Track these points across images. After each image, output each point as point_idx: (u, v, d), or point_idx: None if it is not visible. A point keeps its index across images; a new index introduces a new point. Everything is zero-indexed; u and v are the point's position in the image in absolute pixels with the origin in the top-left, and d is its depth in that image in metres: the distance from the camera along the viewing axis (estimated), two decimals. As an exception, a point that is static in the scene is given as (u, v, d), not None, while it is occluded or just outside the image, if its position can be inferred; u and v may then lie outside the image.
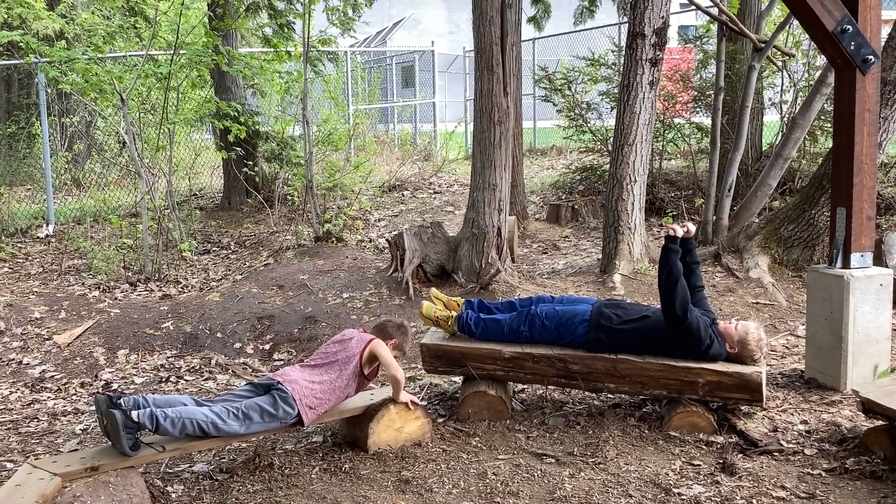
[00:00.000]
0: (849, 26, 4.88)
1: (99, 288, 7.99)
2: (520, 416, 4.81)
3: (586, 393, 4.99)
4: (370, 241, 9.62)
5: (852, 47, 4.89)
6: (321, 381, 4.23)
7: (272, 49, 10.35)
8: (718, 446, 4.32)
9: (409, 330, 4.72)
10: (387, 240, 8.73)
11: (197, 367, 6.32)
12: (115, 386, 5.95)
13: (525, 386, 5.21)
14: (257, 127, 11.59)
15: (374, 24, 29.38)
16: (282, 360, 6.43)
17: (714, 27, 9.56)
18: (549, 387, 5.02)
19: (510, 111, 7.35)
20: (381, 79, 21.42)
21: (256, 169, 11.38)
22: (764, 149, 10.34)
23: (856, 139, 4.95)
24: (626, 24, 8.00)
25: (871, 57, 4.92)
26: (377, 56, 24.14)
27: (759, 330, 4.54)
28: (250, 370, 6.24)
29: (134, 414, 3.82)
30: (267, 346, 6.66)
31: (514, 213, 9.09)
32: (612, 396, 5.00)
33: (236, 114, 9.94)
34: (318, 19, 10.20)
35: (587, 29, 13.68)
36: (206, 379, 6.09)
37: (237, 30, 11.26)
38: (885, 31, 6.89)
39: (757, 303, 6.76)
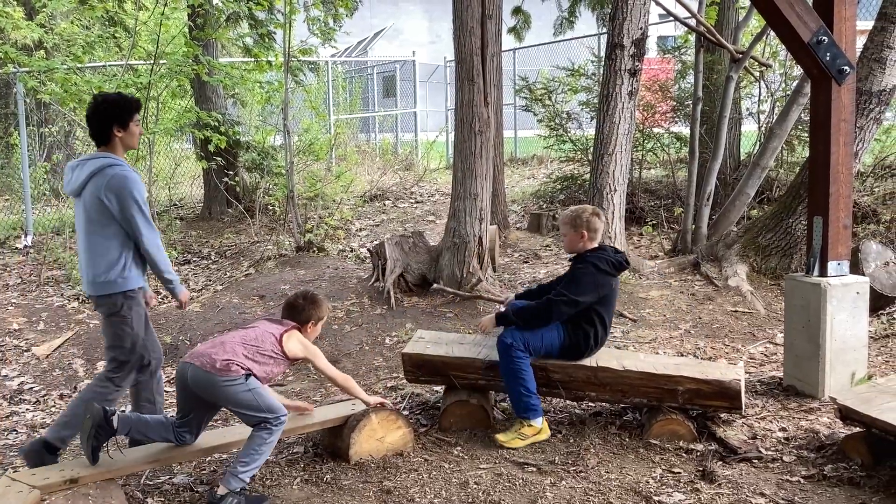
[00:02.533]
0: (824, 37, 4.94)
1: (78, 299, 7.94)
2: (501, 426, 4.81)
3: (567, 401, 5.02)
4: (352, 251, 9.62)
5: (828, 58, 4.95)
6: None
7: (253, 59, 10.36)
8: (698, 454, 4.35)
9: (323, 299, 4.34)
10: (368, 249, 8.74)
11: (177, 378, 6.28)
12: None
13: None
14: (238, 137, 11.56)
15: (356, 34, 29.39)
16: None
17: (692, 38, 9.66)
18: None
19: (491, 121, 7.39)
20: (362, 88, 21.44)
21: (237, 179, 11.35)
22: (742, 158, 10.44)
23: (832, 149, 5.01)
24: (606, 35, 8.07)
25: (846, 68, 4.98)
26: (358, 66, 24.16)
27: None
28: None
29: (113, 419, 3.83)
30: (248, 357, 6.63)
31: (495, 223, 9.13)
32: (592, 405, 5.02)
33: (217, 124, 9.92)
34: (299, 29, 10.21)
35: (567, 39, 13.77)
36: (186, 390, 6.05)
37: (218, 40, 11.24)
38: (861, 42, 6.99)
39: (736, 311, 6.82)
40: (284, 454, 4.57)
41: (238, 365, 3.88)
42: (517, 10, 12.61)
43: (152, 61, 8.94)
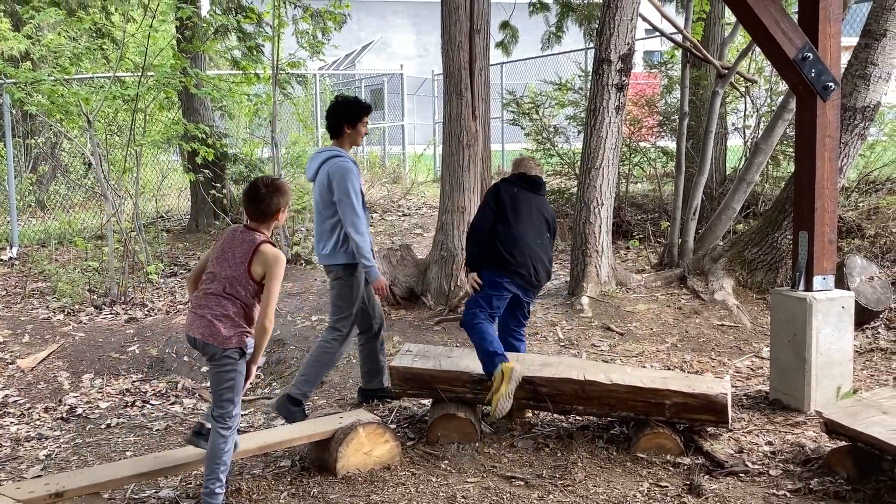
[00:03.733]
0: (809, 54, 4.99)
1: (63, 311, 7.89)
2: (489, 439, 4.81)
3: (555, 415, 5.02)
4: (339, 264, 9.60)
5: (813, 74, 5.01)
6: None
7: (241, 71, 10.36)
8: (685, 468, 4.36)
9: (284, 183, 4.06)
10: (356, 262, 8.72)
11: (163, 392, 6.26)
12: (79, 411, 5.87)
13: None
14: (225, 149, 11.56)
15: (344, 47, 29.44)
16: (251, 383, 6.37)
17: (678, 54, 9.73)
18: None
19: (479, 135, 7.42)
20: (349, 101, 21.41)
21: (224, 191, 11.34)
22: (728, 173, 10.51)
23: (817, 164, 5.06)
24: (593, 50, 8.12)
25: (831, 84, 5.04)
26: (346, 79, 24.18)
27: None
28: (217, 394, 6.18)
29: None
30: (234, 370, 6.60)
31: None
32: (580, 418, 5.02)
33: (204, 136, 9.91)
34: (288, 42, 10.22)
35: (554, 54, 13.85)
36: (172, 403, 6.03)
37: (206, 52, 11.24)
38: (845, 58, 7.06)
39: (722, 325, 6.85)
40: (271, 468, 4.55)
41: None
42: (505, 25, 12.68)
43: (140, 73, 8.92)
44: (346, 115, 5.18)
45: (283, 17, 9.57)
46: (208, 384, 6.33)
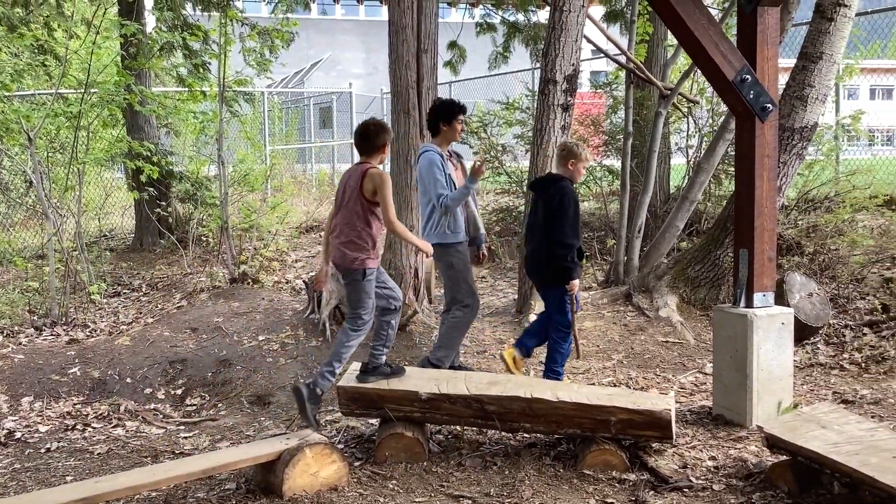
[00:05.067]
0: (748, 76, 5.12)
1: (2, 333, 7.69)
2: (437, 458, 4.81)
3: (503, 433, 5.03)
4: (287, 283, 9.53)
5: (751, 96, 5.13)
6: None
7: (187, 89, 10.26)
8: (631, 484, 4.40)
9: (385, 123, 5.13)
10: (304, 281, 8.67)
11: (105, 414, 6.13)
12: (18, 435, 5.71)
13: (441, 427, 5.22)
14: (171, 167, 11.41)
15: (292, 65, 29.34)
16: (194, 405, 6.29)
17: (623, 74, 9.89)
18: (467, 427, 5.05)
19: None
20: (298, 119, 21.38)
21: (170, 209, 11.18)
22: (672, 191, 10.69)
23: (756, 184, 5.17)
24: (539, 70, 8.22)
25: (769, 105, 5.16)
26: (295, 96, 24.11)
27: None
28: (161, 416, 6.08)
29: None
30: (179, 391, 6.50)
31: (431, 254, 9.15)
32: (528, 436, 5.04)
33: (149, 153, 9.78)
34: (235, 59, 10.16)
35: (502, 74, 13.98)
36: (114, 426, 5.91)
37: (151, 69, 11.12)
38: (784, 80, 7.26)
39: (667, 341, 6.94)
40: (216, 491, 4.48)
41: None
42: (453, 45, 12.77)
43: (83, 90, 8.78)
44: (443, 114, 5.79)
45: (230, 35, 9.51)
46: (151, 406, 6.25)
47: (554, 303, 5.53)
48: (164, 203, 11.02)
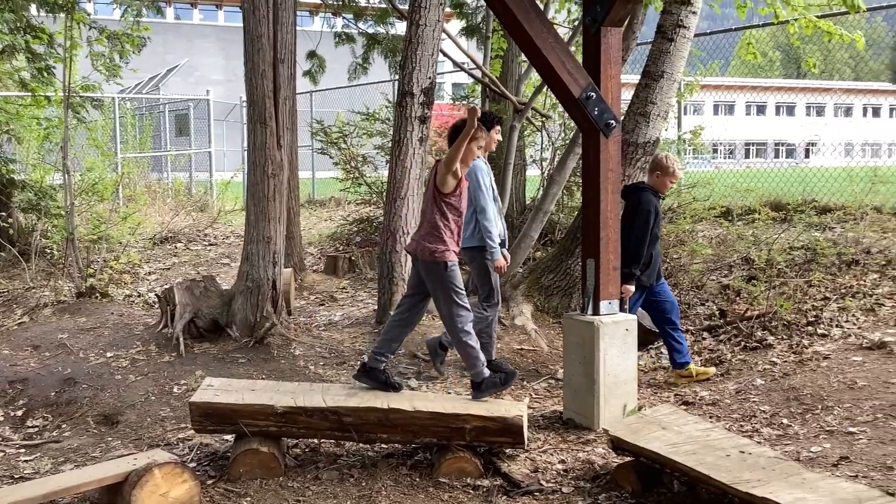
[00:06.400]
0: (593, 93, 5.34)
1: None
2: (293, 473, 4.76)
3: (361, 445, 5.04)
4: (139, 296, 9.21)
5: (596, 113, 5.36)
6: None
7: (30, 94, 9.76)
8: (484, 490, 4.50)
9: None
10: (156, 294, 8.39)
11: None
12: None
13: (298, 441, 5.18)
14: (12, 175, 10.82)
15: (147, 70, 28.41)
16: (36, 426, 5.96)
17: (479, 88, 10.12)
18: (324, 440, 5.03)
19: (284, 164, 7.37)
20: (153, 126, 20.67)
21: (11, 220, 10.58)
22: (527, 202, 11.00)
23: (601, 196, 5.40)
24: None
25: (612, 122, 5.41)
26: (150, 103, 23.32)
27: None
28: (0, 439, 5.74)
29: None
30: (19, 413, 6.15)
31: (290, 265, 9.06)
32: (385, 447, 5.07)
33: (-13, 161, 9.25)
34: (83, 64, 9.74)
35: (361, 84, 14.00)
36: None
37: (-10, 72, 10.52)
38: (629, 95, 7.62)
39: (522, 349, 7.13)
40: (58, 517, 4.28)
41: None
42: (312, 55, 12.68)
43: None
44: (484, 124, 5.83)
45: (77, 39, 9.11)
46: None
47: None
48: (4, 213, 10.42)
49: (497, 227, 6.17)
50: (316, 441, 5.10)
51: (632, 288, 6.00)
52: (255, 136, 7.23)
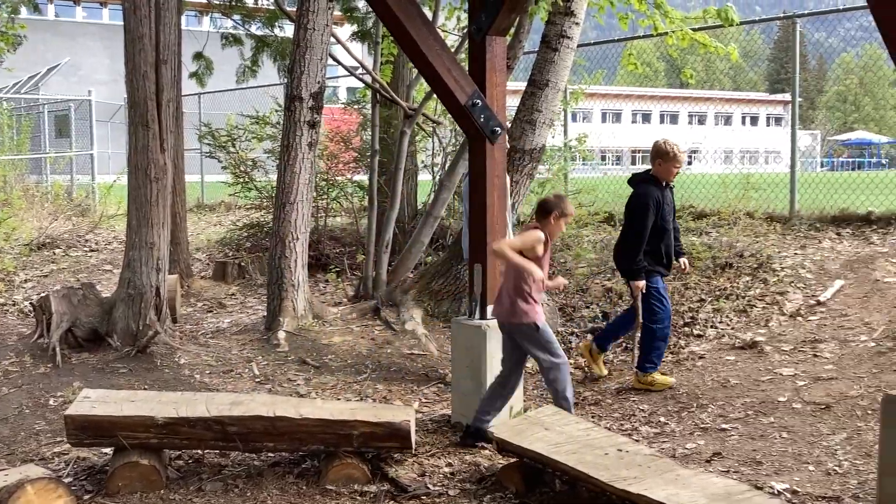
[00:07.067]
0: (478, 101, 5.43)
1: None
2: (175, 485, 4.64)
3: (246, 454, 4.96)
4: (14, 305, 8.81)
5: (482, 120, 5.44)
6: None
7: None
8: (372, 495, 4.50)
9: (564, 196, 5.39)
10: (31, 303, 8.04)
11: None
12: None
13: (181, 452, 5.05)
14: None
15: (26, 69, 27.15)
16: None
17: (370, 93, 10.10)
18: (209, 451, 4.93)
19: (168, 167, 7.20)
20: (31, 127, 19.76)
21: None
22: (419, 207, 11.04)
23: (487, 202, 5.49)
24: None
25: (497, 129, 5.50)
26: (28, 103, 22.31)
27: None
28: None
29: None
30: None
31: (176, 271, 8.85)
32: (272, 455, 5.00)
33: None
34: (-48, 62, 9.27)
35: (251, 88, 13.78)
36: None
37: None
38: (516, 102, 7.75)
39: (412, 353, 7.16)
40: (-81, 539, 4.05)
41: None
42: (199, 56, 12.40)
43: None
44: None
45: (-56, 35, 8.67)
46: None
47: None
48: None
49: None
50: (200, 452, 4.99)
51: (641, 283, 5.87)
52: (137, 138, 7.04)
